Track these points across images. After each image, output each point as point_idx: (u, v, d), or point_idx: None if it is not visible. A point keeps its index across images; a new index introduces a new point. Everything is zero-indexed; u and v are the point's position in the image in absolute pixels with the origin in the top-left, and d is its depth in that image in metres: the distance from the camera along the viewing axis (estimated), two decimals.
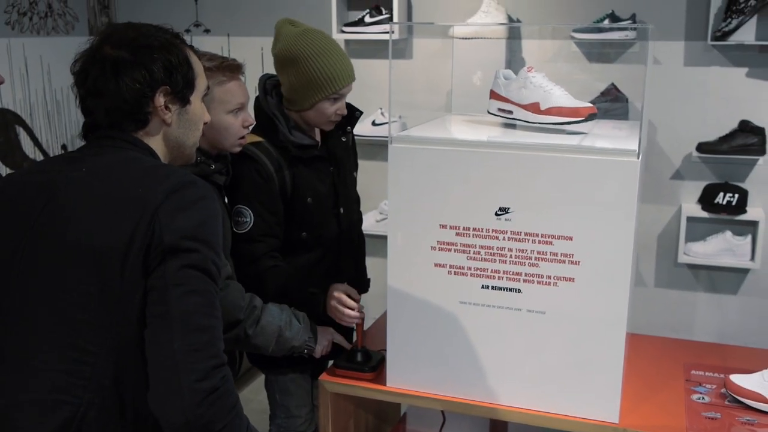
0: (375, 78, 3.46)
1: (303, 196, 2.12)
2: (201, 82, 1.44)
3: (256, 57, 3.99)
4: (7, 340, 1.29)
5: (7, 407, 1.26)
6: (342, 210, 2.24)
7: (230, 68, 1.92)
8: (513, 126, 1.95)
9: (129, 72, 1.33)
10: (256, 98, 2.16)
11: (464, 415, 1.97)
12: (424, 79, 3.61)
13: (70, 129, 4.18)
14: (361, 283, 2.41)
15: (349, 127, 2.28)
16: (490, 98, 1.95)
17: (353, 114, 2.27)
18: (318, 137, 2.21)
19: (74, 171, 1.33)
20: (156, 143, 1.40)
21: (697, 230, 3.46)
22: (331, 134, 2.23)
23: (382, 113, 3.80)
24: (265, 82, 2.16)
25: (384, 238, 1.84)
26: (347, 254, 2.30)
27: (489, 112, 1.95)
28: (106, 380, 1.25)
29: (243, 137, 1.95)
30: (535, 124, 1.87)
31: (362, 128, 3.60)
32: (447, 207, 1.74)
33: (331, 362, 2.04)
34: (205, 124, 1.48)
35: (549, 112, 1.88)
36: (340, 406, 1.98)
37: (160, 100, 1.36)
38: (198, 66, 1.44)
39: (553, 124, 1.85)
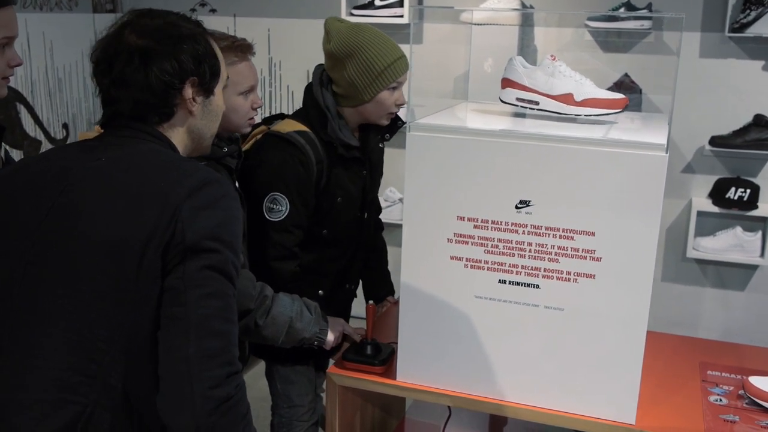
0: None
1: (334, 195, 2.07)
2: (224, 71, 1.41)
3: (263, 38, 3.92)
4: (11, 333, 1.22)
5: (7, 405, 1.20)
6: (366, 215, 2.21)
7: (241, 48, 1.86)
8: (533, 116, 1.89)
9: (158, 62, 1.28)
10: (308, 87, 2.10)
11: (467, 409, 1.92)
12: (435, 65, 3.55)
13: (71, 108, 4.11)
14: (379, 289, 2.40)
15: (388, 135, 2.23)
16: (504, 86, 1.89)
17: (395, 122, 2.21)
18: (358, 142, 2.15)
19: (92, 161, 1.27)
20: (178, 135, 1.36)
21: (707, 225, 3.42)
22: (370, 139, 2.18)
23: None
24: (322, 73, 2.09)
25: (389, 225, 1.79)
26: (359, 259, 2.26)
27: (504, 101, 1.89)
28: (114, 380, 1.19)
29: (252, 118, 1.90)
30: (569, 116, 1.82)
31: None
32: (465, 198, 1.68)
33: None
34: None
35: (585, 103, 1.83)
36: (348, 399, 1.94)
37: (188, 91, 1.32)
38: (221, 56, 1.40)
39: (591, 116, 1.80)
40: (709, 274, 3.53)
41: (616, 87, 3.25)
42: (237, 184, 1.94)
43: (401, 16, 3.63)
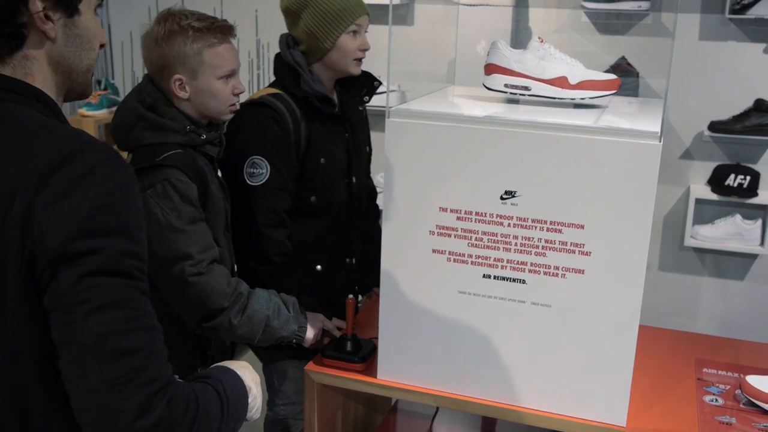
0: (375, 45, 3.28)
1: (316, 156, 2.03)
2: None
3: (250, 19, 3.81)
4: None
5: None
6: (354, 180, 2.15)
7: (221, 29, 1.76)
8: (521, 102, 1.79)
9: None
10: (277, 55, 2.09)
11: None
12: (426, 47, 3.45)
13: None
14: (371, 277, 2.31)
15: (367, 97, 2.17)
16: (489, 72, 1.79)
17: (371, 83, 2.15)
18: (336, 101, 2.13)
19: None
20: (39, 70, 1.05)
21: (706, 213, 3.33)
22: (348, 101, 2.15)
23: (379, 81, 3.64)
24: (287, 37, 2.08)
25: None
26: (357, 229, 2.18)
27: (490, 88, 1.79)
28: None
29: (233, 104, 1.81)
30: (564, 100, 1.73)
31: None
32: (448, 188, 1.59)
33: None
34: (102, 46, 1.14)
35: (581, 86, 1.74)
36: (328, 396, 1.86)
37: (36, 5, 1.01)
38: None
39: (586, 99, 1.72)
40: (707, 263, 3.44)
41: (613, 70, 3.14)
42: (220, 174, 1.85)
43: None
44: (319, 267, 2.09)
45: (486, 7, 3.18)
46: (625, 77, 3.19)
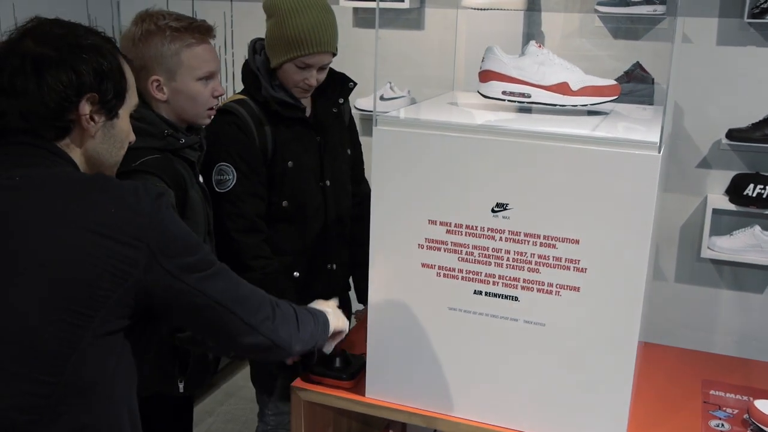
0: (385, 49, 3.23)
1: (284, 160, 2.00)
2: (132, 96, 1.29)
3: (221, 23, 3.73)
4: None
5: None
6: (328, 183, 2.09)
7: (199, 30, 1.72)
8: (518, 110, 1.72)
9: (53, 71, 1.15)
10: (245, 60, 2.07)
11: None
12: (436, 52, 3.38)
13: None
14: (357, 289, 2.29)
15: (341, 99, 2.12)
16: (485, 79, 1.71)
17: (346, 85, 2.11)
18: (308, 104, 2.09)
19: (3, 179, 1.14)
20: (74, 155, 1.22)
21: (723, 223, 3.21)
22: (321, 103, 2.11)
23: (391, 87, 3.57)
24: (255, 43, 2.06)
25: None
26: (335, 235, 2.12)
27: (487, 96, 1.71)
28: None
29: (212, 108, 1.76)
30: (566, 107, 1.65)
31: (369, 103, 3.40)
32: (437, 200, 1.52)
33: None
34: (130, 143, 1.33)
35: (583, 92, 1.67)
36: (317, 413, 1.79)
37: (85, 108, 1.19)
38: (131, 78, 1.28)
39: (588, 106, 1.66)
40: (725, 276, 3.32)
41: (627, 77, 3.05)
42: (201, 179, 1.80)
43: (402, 0, 3.45)
44: (296, 273, 2.04)
45: (497, 12, 3.10)
46: (640, 84, 3.10)
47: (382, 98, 3.58)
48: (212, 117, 1.80)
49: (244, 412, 3.19)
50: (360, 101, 3.46)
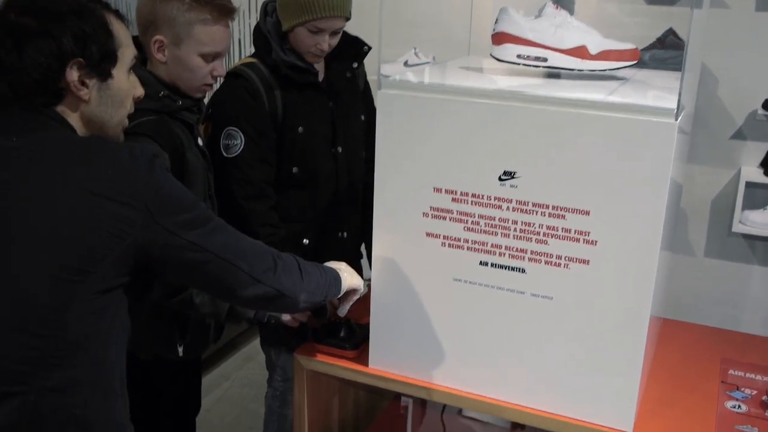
0: (409, 14, 3.14)
1: (294, 125, 1.95)
2: (127, 52, 1.25)
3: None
4: None
5: None
6: (340, 150, 2.04)
7: (220, 9, 1.67)
8: (532, 74, 1.64)
9: (33, 42, 1.13)
10: (256, 23, 2.02)
11: None
12: (463, 16, 3.28)
13: None
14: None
15: (355, 63, 2.06)
16: (498, 42, 1.63)
17: (360, 49, 2.05)
18: (321, 68, 2.03)
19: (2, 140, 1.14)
20: (72, 120, 1.20)
21: (757, 197, 3.10)
22: (334, 67, 2.05)
23: (416, 53, 3.49)
24: (267, 5, 2.01)
25: None
26: (347, 202, 2.08)
27: (500, 60, 1.64)
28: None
29: (208, 85, 1.72)
30: (584, 72, 1.58)
31: (393, 69, 3.32)
32: (443, 167, 1.46)
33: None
34: (138, 98, 1.30)
35: (602, 56, 1.59)
36: (322, 382, 1.76)
37: (72, 74, 1.16)
38: (123, 34, 1.24)
39: (607, 71, 1.58)
40: (757, 251, 3.21)
41: (659, 43, 2.93)
42: (200, 142, 1.76)
43: None
44: (306, 241, 2.00)
45: None
46: (673, 51, 2.97)
47: (406, 64, 3.50)
48: (205, 93, 1.76)
49: (261, 377, 3.18)
50: (385, 67, 3.39)
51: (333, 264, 1.56)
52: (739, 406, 1.57)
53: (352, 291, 1.58)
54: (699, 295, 3.24)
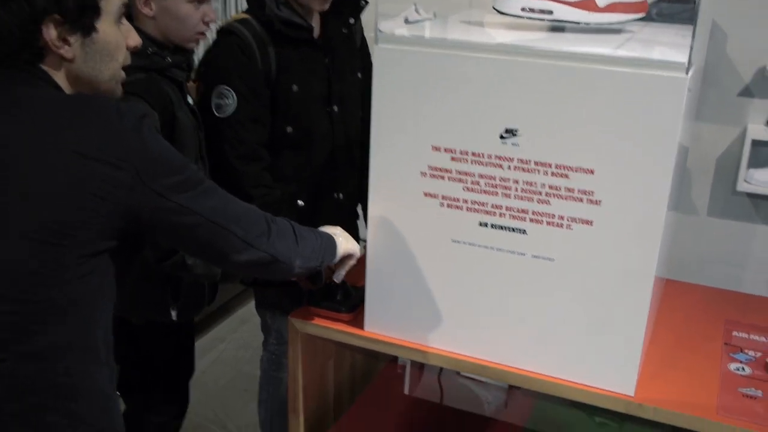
0: None
1: (288, 84, 1.89)
2: (110, 3, 1.17)
3: None
4: None
5: None
6: (336, 108, 1.98)
7: None
8: (537, 27, 1.58)
9: (4, 2, 1.07)
10: None
11: None
12: None
13: None
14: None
15: (352, 19, 1.99)
16: None
17: (357, 3, 1.98)
18: (316, 24, 1.96)
19: None
20: (59, 80, 1.15)
21: (763, 155, 3.03)
22: (331, 23, 1.97)
23: (416, 9, 3.40)
24: None
25: None
26: (343, 163, 2.03)
27: (503, 12, 1.57)
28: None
29: (201, 33, 1.65)
30: (590, 25, 1.51)
31: (393, 26, 3.25)
32: (442, 125, 1.41)
33: None
34: (134, 48, 1.24)
35: (610, 8, 1.52)
36: (316, 345, 1.73)
37: (51, 32, 1.10)
38: None
39: (614, 24, 1.52)
40: (761, 210, 3.16)
41: None
42: (190, 100, 1.71)
43: None
44: (300, 202, 1.96)
45: None
46: (682, 4, 2.89)
47: (406, 21, 3.42)
48: (200, 41, 1.70)
49: (256, 339, 3.16)
50: (384, 23, 3.30)
51: (328, 228, 1.52)
52: (743, 369, 1.54)
53: (348, 256, 1.54)
54: (700, 255, 3.20)
